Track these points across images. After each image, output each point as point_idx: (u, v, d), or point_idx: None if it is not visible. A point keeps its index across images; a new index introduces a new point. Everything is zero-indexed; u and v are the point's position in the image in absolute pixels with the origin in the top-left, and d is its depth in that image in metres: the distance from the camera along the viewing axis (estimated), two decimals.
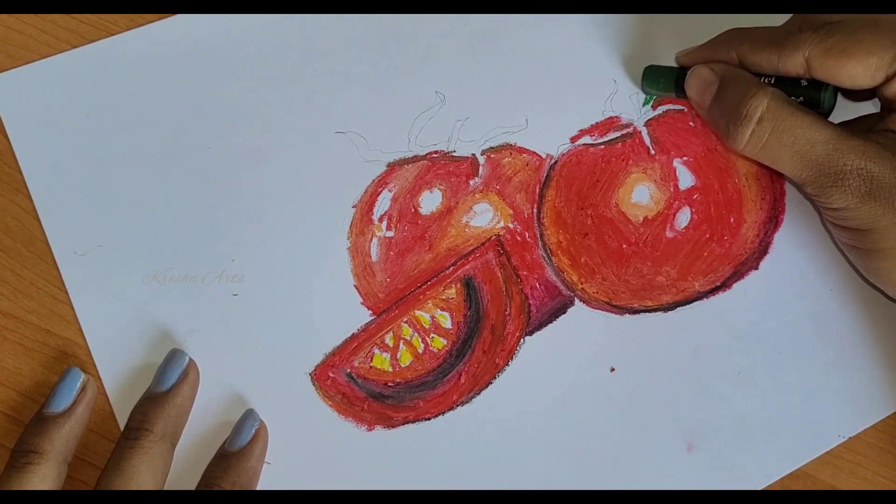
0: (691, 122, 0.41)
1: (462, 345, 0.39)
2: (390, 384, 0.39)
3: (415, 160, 0.41)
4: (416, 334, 0.39)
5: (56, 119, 0.41)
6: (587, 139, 0.41)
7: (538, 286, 0.40)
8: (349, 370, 0.39)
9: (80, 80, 0.41)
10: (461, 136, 0.41)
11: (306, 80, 0.42)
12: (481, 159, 0.41)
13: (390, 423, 0.39)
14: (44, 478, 0.34)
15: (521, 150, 0.41)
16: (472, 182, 0.41)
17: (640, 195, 0.41)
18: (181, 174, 0.40)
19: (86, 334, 0.39)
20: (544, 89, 0.42)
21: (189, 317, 0.39)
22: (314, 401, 0.39)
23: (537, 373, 0.39)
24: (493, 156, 0.41)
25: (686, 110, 0.42)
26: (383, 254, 0.40)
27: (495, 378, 0.39)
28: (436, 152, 0.41)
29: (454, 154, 0.41)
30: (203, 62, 0.42)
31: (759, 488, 0.38)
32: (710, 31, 0.40)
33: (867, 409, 0.39)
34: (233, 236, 0.40)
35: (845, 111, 0.40)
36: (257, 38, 0.42)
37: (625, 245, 0.40)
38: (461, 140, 0.41)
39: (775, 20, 0.39)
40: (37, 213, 0.40)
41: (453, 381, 0.39)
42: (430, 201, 0.41)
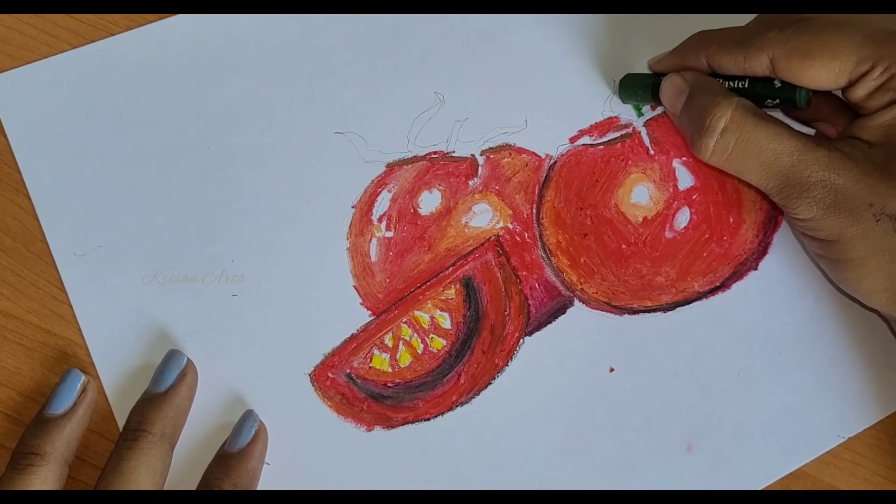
0: None
1: (461, 345, 0.39)
2: (390, 385, 0.39)
3: (414, 161, 0.41)
4: (415, 335, 0.39)
5: (56, 119, 0.41)
6: (586, 139, 0.41)
7: (537, 286, 0.40)
8: (348, 371, 0.39)
9: (79, 80, 0.41)
10: (460, 136, 0.41)
11: (306, 80, 0.42)
12: (480, 160, 0.41)
13: (390, 424, 0.39)
14: (45, 479, 0.34)
15: (521, 151, 0.41)
16: (471, 182, 0.41)
17: (639, 195, 0.41)
18: (181, 174, 0.40)
19: (85, 335, 0.39)
20: (543, 90, 0.42)
21: (188, 317, 0.39)
22: (313, 401, 0.39)
23: (537, 373, 0.39)
24: (492, 156, 0.41)
25: None
26: (382, 254, 0.40)
27: (495, 378, 0.39)
28: (435, 153, 0.41)
29: (453, 154, 0.41)
30: (203, 62, 0.42)
31: (759, 488, 0.38)
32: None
33: (867, 409, 0.39)
34: (232, 237, 0.40)
35: None
36: (257, 39, 0.42)
37: (624, 245, 0.40)
38: (460, 140, 0.41)
39: None
40: (36, 213, 0.40)
41: (453, 382, 0.39)
42: (429, 202, 0.41)
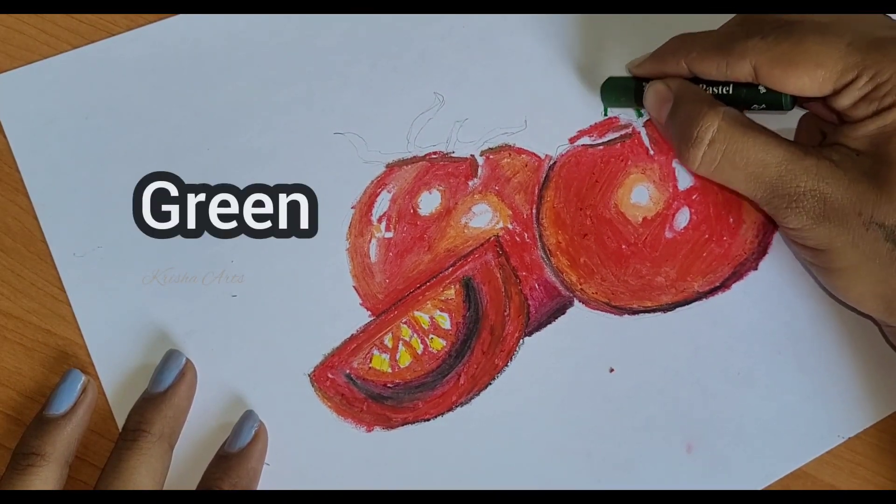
0: None
1: (461, 346, 0.39)
2: (389, 385, 0.39)
3: (414, 161, 0.41)
4: (415, 335, 0.39)
5: (55, 119, 0.41)
6: (586, 140, 0.41)
7: (537, 287, 0.40)
8: (348, 371, 0.39)
9: (79, 80, 0.41)
10: (460, 136, 0.41)
11: (305, 80, 0.42)
12: (480, 160, 0.41)
13: (389, 424, 0.39)
14: (46, 480, 0.34)
15: (520, 151, 0.41)
16: (471, 183, 0.41)
17: (639, 196, 0.41)
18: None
19: (85, 335, 0.39)
20: (543, 90, 0.42)
21: (188, 317, 0.39)
22: (313, 402, 0.39)
23: (536, 373, 0.39)
24: (491, 156, 0.41)
25: None
26: (382, 255, 0.40)
27: (494, 379, 0.39)
28: (435, 153, 0.41)
29: (453, 155, 0.41)
30: (203, 62, 0.42)
31: (759, 488, 0.38)
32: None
33: (867, 409, 0.39)
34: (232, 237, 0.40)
35: None
36: (257, 39, 0.42)
37: (624, 245, 0.40)
38: (460, 141, 0.41)
39: None
40: (36, 214, 0.40)
41: (452, 382, 0.39)
42: (429, 202, 0.41)
